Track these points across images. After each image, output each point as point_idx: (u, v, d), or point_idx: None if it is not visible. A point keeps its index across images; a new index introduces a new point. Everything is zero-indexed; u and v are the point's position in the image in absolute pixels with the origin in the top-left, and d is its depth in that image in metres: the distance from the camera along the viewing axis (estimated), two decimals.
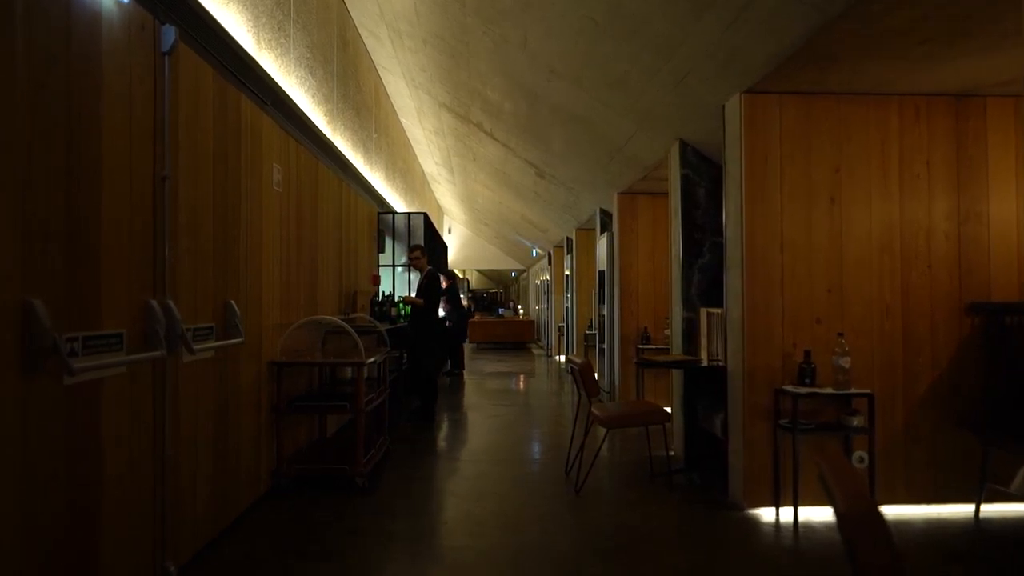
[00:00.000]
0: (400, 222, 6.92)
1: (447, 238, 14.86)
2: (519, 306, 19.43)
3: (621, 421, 3.47)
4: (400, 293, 6.73)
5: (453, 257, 16.04)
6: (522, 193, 8.68)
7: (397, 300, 5.98)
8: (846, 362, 2.98)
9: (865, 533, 0.92)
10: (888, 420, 3.13)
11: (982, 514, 3.05)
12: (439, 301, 5.97)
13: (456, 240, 16.40)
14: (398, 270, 6.81)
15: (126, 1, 1.92)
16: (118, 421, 1.90)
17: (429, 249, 7.33)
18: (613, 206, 6.15)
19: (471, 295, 20.20)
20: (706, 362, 3.75)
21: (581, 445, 3.57)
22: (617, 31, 3.31)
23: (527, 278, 19.30)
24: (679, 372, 4.16)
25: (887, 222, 3.19)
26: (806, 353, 3.06)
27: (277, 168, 3.33)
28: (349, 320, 4.40)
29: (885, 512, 0.86)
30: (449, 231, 15.95)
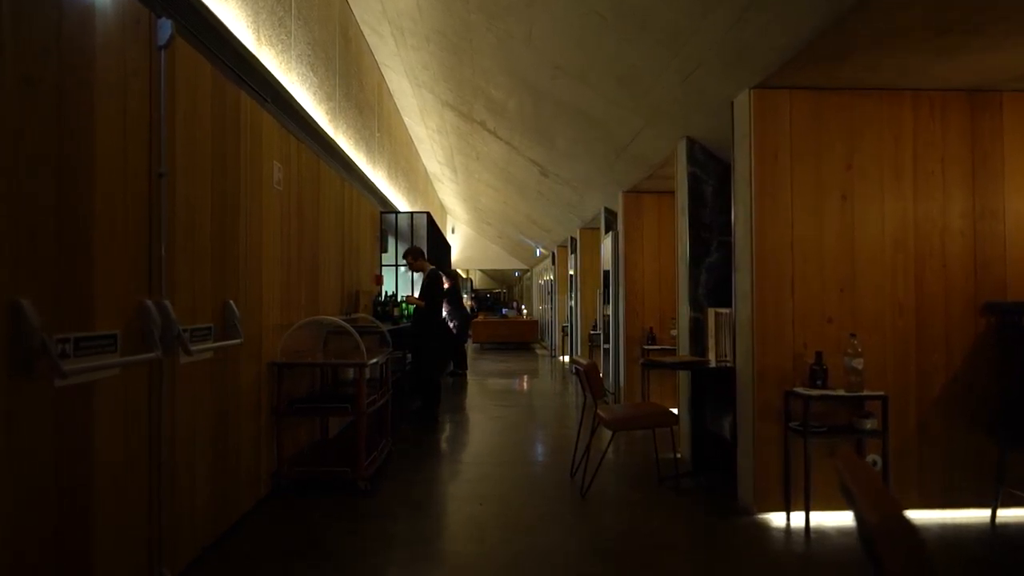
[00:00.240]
0: (403, 222, 6.88)
1: (450, 238, 14.83)
2: (523, 306, 19.38)
3: (628, 423, 3.41)
4: (403, 293, 6.68)
5: (456, 257, 16.00)
6: (526, 192, 8.62)
7: (400, 300, 5.93)
8: (859, 363, 2.91)
9: (898, 548, 0.87)
10: (901, 422, 3.06)
11: (998, 519, 2.98)
12: (441, 301, 5.89)
13: (459, 240, 16.36)
14: (401, 270, 6.77)
15: None
16: (112, 424, 1.85)
17: (432, 249, 7.28)
18: (618, 205, 6.08)
19: (474, 295, 20.15)
20: (714, 363, 3.68)
21: (587, 447, 3.51)
22: (624, 26, 3.25)
23: (531, 278, 19.25)
24: (686, 373, 4.09)
25: (900, 219, 3.11)
26: (817, 354, 2.99)
27: (278, 166, 3.28)
28: (351, 320, 4.35)
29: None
30: (452, 231, 15.91)
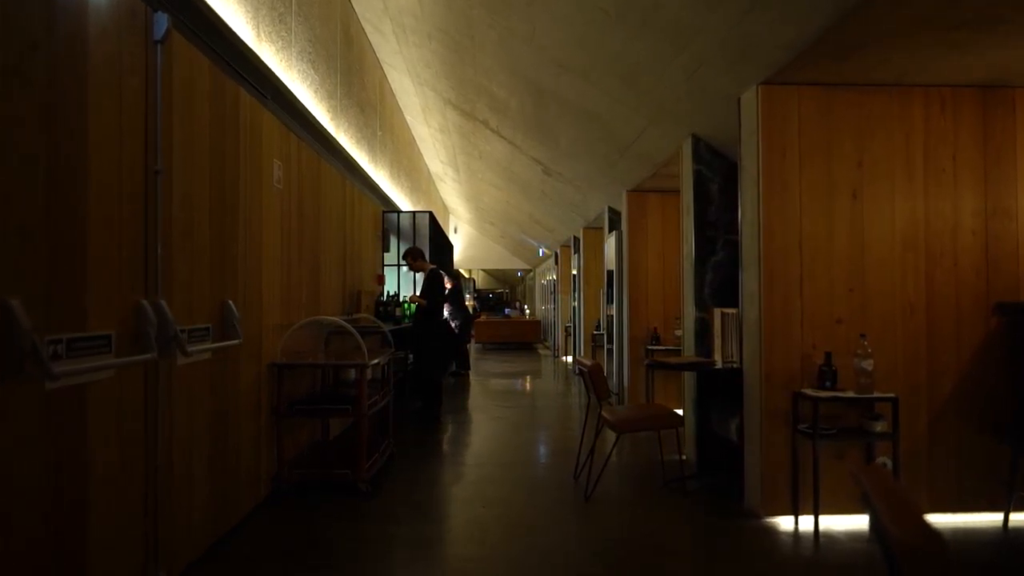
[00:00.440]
0: (405, 221, 6.84)
1: (453, 238, 14.79)
2: (525, 306, 19.33)
3: (633, 425, 3.36)
4: (406, 293, 6.63)
5: (459, 257, 15.96)
6: (529, 192, 8.57)
7: (403, 300, 5.87)
8: (869, 364, 2.85)
9: (924, 565, 0.83)
10: (911, 424, 3.00)
11: (1011, 523, 2.92)
12: (442, 300, 5.81)
13: (462, 240, 16.31)
14: (403, 270, 6.72)
15: None
16: (106, 427, 1.81)
17: (434, 249, 7.24)
18: (622, 204, 6.03)
19: (477, 295, 20.09)
20: (720, 364, 3.62)
21: (591, 449, 3.46)
22: (628, 22, 3.20)
23: (533, 278, 19.19)
24: (691, 374, 4.03)
25: (911, 218, 3.06)
26: (827, 355, 2.93)
27: (278, 164, 3.24)
28: (352, 320, 4.31)
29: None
30: (455, 231, 15.88)
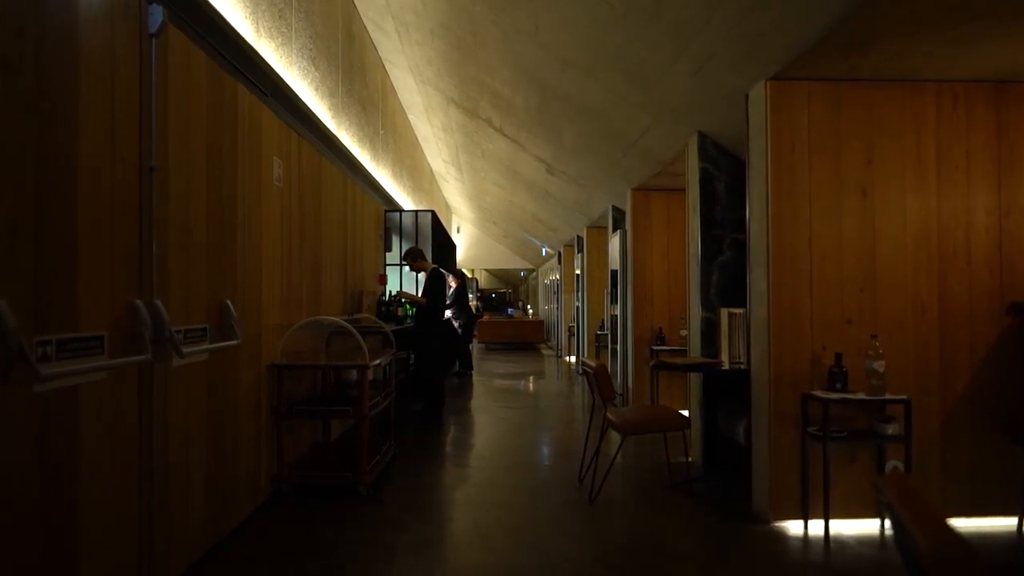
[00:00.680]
0: (407, 220, 6.79)
1: (455, 237, 14.74)
2: (528, 306, 19.27)
3: (639, 427, 3.30)
4: (408, 292, 6.55)
5: (462, 256, 15.91)
6: (532, 191, 8.51)
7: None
8: (880, 366, 2.79)
9: None
10: (923, 426, 2.93)
11: None
12: (444, 300, 5.74)
13: (465, 239, 16.26)
14: (405, 269, 6.66)
15: None
16: (98, 431, 1.76)
17: (436, 248, 7.19)
18: (626, 203, 5.96)
19: (480, 295, 20.04)
20: (727, 365, 3.56)
21: (595, 451, 3.40)
22: (634, 16, 3.14)
23: (536, 278, 19.12)
24: (697, 375, 3.97)
25: (923, 216, 2.99)
26: (837, 356, 2.87)
27: (278, 162, 3.19)
28: (353, 321, 4.26)
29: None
30: (458, 230, 15.83)
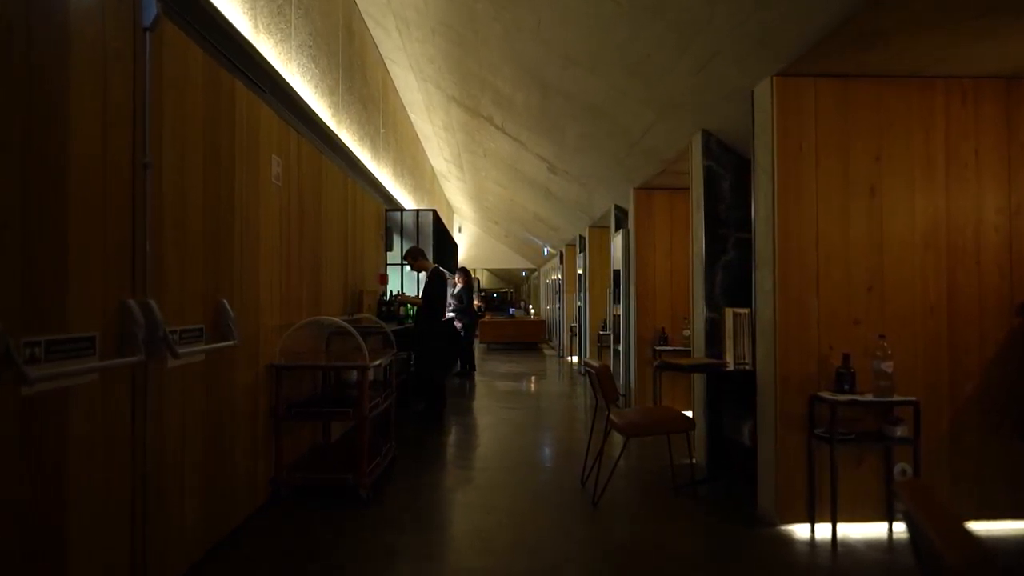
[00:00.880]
0: (408, 219, 6.75)
1: (457, 237, 14.70)
2: (530, 306, 19.22)
3: (642, 429, 3.25)
4: (410, 293, 6.52)
5: (463, 256, 15.86)
6: (534, 190, 8.46)
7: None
8: (888, 367, 2.74)
9: None
10: (932, 428, 2.88)
11: None
12: (444, 300, 5.68)
13: (466, 239, 16.22)
14: (406, 269, 6.63)
15: None
16: (90, 434, 1.72)
17: (438, 248, 7.15)
18: (629, 202, 5.91)
19: (482, 294, 19.99)
20: (732, 366, 3.51)
21: (598, 453, 3.35)
22: (637, 11, 3.09)
23: (538, 277, 19.07)
24: (702, 376, 3.92)
25: (932, 215, 2.94)
26: (845, 357, 2.82)
27: (276, 160, 3.15)
28: (353, 321, 4.22)
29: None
30: (459, 230, 15.78)
